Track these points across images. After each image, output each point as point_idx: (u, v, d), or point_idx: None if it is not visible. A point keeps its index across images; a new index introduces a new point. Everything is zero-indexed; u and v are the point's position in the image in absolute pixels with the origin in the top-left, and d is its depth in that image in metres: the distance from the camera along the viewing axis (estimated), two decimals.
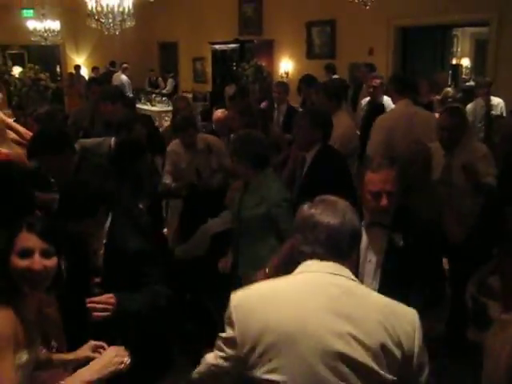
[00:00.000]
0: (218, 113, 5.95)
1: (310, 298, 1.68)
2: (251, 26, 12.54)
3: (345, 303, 1.67)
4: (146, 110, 11.89)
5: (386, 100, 6.32)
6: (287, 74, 11.66)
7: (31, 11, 13.00)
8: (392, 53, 9.45)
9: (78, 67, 14.72)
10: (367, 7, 6.23)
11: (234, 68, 11.80)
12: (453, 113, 4.06)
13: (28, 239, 1.98)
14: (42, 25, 11.89)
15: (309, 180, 3.93)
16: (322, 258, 1.76)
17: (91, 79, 9.10)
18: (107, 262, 2.72)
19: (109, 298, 2.43)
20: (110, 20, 8.52)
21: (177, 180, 4.90)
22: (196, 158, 4.95)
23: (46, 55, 15.05)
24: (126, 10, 8.50)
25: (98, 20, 8.51)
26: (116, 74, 13.69)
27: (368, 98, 6.95)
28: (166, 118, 9.59)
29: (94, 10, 8.40)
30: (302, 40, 11.16)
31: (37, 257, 1.96)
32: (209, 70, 14.05)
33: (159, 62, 16.89)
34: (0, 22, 14.06)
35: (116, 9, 8.46)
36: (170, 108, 11.78)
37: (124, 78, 13.52)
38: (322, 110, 4.41)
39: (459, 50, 14.37)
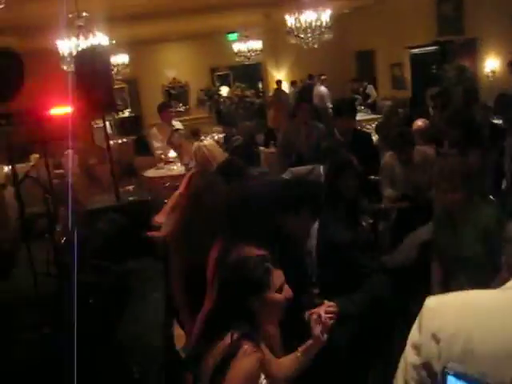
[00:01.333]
0: (419, 122, 5.79)
1: None
2: (451, 26, 11.96)
3: None
4: None
5: None
6: (494, 72, 10.93)
7: (235, 35, 13.93)
8: None
9: (279, 82, 15.34)
10: None
11: (435, 71, 11.36)
12: None
13: (280, 275, 2.15)
14: (245, 46, 12.69)
15: None
16: None
17: (297, 96, 9.41)
18: (322, 260, 2.77)
19: (330, 306, 2.40)
20: (309, 34, 8.79)
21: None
22: (412, 171, 4.80)
23: (249, 74, 15.98)
24: (324, 23, 8.71)
25: (297, 36, 8.84)
26: (315, 87, 14.02)
27: None
28: (368, 127, 9.54)
29: (294, 26, 8.74)
30: (510, 35, 10.37)
31: (287, 286, 2.14)
32: (407, 75, 13.73)
33: (356, 71, 16.92)
34: (208, 47, 15.29)
35: (314, 23, 8.71)
36: (372, 116, 11.75)
37: (323, 89, 13.79)
38: None
39: None
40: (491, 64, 11.03)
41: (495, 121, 6.55)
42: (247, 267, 2.15)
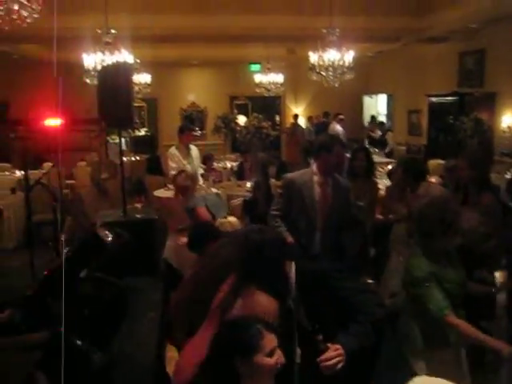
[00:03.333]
0: (433, 181, 5.71)
1: None
2: (472, 78, 12.07)
3: None
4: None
5: None
6: (510, 128, 10.97)
7: (258, 66, 14.11)
8: None
9: (296, 116, 15.48)
10: None
11: (452, 121, 11.42)
12: None
13: (273, 339, 2.11)
14: (266, 78, 12.83)
15: None
16: None
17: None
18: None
19: (336, 349, 2.47)
20: (330, 73, 8.90)
21: None
22: None
23: (267, 106, 16.15)
24: (347, 63, 8.82)
25: (318, 73, 8.95)
26: (331, 125, 14.12)
27: None
28: (380, 169, 9.54)
29: (316, 63, 8.85)
30: None
31: (279, 351, 2.11)
32: (424, 122, 13.80)
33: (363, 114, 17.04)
34: (229, 75, 15.50)
35: (337, 62, 8.82)
36: (385, 160, 11.76)
37: (339, 128, 13.87)
38: None
39: None
40: (508, 119, 11.08)
41: None
42: (238, 328, 2.14)
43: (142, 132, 15.60)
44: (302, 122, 15.72)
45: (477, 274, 3.95)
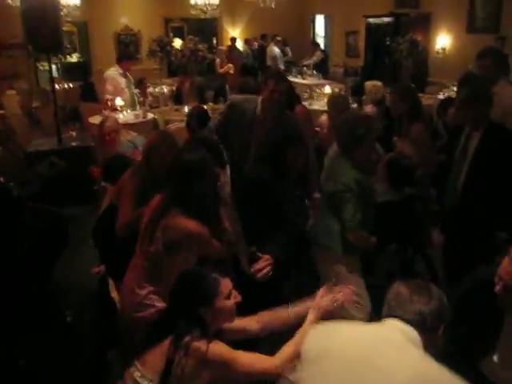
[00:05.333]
0: (368, 109, 5.68)
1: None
2: None
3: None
4: (297, 82, 11.97)
5: None
6: (444, 49, 11.15)
7: None
8: None
9: (233, 40, 15.15)
10: None
11: (388, 42, 11.48)
12: None
13: (228, 282, 2.27)
14: None
15: (480, 157, 3.72)
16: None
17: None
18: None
19: (266, 259, 2.96)
20: None
21: None
22: None
23: (204, 28, 15.70)
24: None
25: None
26: (269, 47, 13.93)
27: None
28: (318, 91, 9.59)
29: None
30: (463, 12, 10.55)
31: (234, 292, 2.29)
32: (361, 44, 13.82)
33: (312, 35, 16.88)
34: None
35: None
36: (321, 81, 11.78)
37: (277, 50, 13.72)
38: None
39: None
40: (442, 40, 11.23)
41: None
42: (197, 280, 2.24)
43: (74, 58, 14.96)
44: (240, 44, 15.42)
45: None
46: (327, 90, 9.31)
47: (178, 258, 2.78)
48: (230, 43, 14.84)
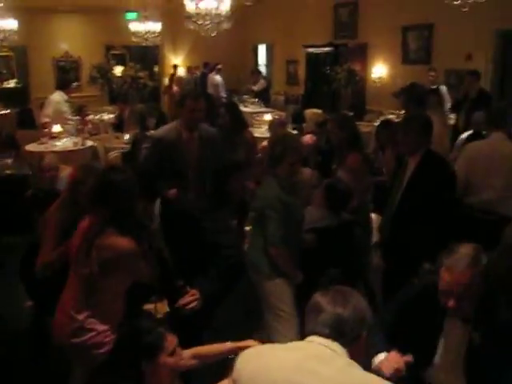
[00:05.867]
0: (307, 138, 5.68)
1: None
2: (346, 30, 12.48)
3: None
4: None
5: None
6: (380, 78, 11.52)
7: (134, 14, 13.57)
8: (492, 59, 9.10)
9: (175, 67, 15.20)
10: (465, 9, 6.01)
11: (327, 72, 11.78)
12: None
13: (173, 339, 2.21)
14: (143, 26, 12.39)
15: (413, 184, 3.85)
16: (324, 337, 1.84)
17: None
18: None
19: (193, 294, 2.95)
20: (207, 22, 8.77)
21: None
22: None
23: (146, 56, 15.68)
24: (224, 12, 8.72)
25: (195, 22, 8.78)
26: (210, 75, 14.02)
27: None
28: (258, 119, 9.70)
29: (193, 12, 8.68)
30: (398, 44, 10.98)
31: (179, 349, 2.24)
32: (302, 72, 14.12)
33: (254, 63, 17.12)
34: (105, 23, 14.80)
35: (213, 11, 8.70)
36: (263, 109, 11.94)
37: (218, 78, 13.83)
38: (426, 114, 4.30)
39: None
40: (379, 70, 11.61)
41: None
42: (142, 332, 2.18)
43: (12, 84, 14.64)
44: (182, 72, 15.47)
45: None
46: (268, 117, 9.45)
47: (113, 280, 2.76)
48: (172, 71, 14.91)
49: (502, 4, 8.16)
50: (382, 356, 2.35)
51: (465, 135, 6.24)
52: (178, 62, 16.00)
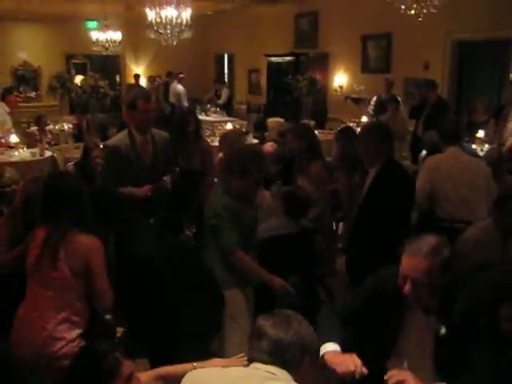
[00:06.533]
0: (268, 146, 5.63)
1: None
2: (306, 40, 12.60)
3: None
4: (201, 120, 12.07)
5: None
6: (341, 87, 11.64)
7: (95, 23, 13.46)
8: (448, 68, 9.30)
9: (137, 76, 15.08)
10: (419, 19, 6.13)
11: (289, 81, 11.87)
12: None
13: (129, 365, 2.14)
14: (104, 35, 12.29)
15: (372, 194, 3.87)
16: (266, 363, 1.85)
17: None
18: None
19: None
20: (168, 31, 8.75)
21: None
22: None
23: (107, 65, 15.52)
24: (184, 21, 8.71)
25: (156, 31, 8.75)
26: (172, 84, 13.97)
27: None
28: (219, 127, 9.68)
29: (154, 21, 8.65)
30: (357, 53, 11.12)
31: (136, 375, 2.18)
32: (263, 81, 14.18)
33: (215, 72, 17.14)
34: (65, 32, 14.64)
35: (174, 20, 8.68)
36: (225, 118, 11.94)
37: (180, 87, 13.78)
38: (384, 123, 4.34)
39: None
40: (340, 79, 11.74)
41: None
42: (97, 356, 2.13)
43: None
44: (144, 81, 15.37)
45: None
46: (229, 126, 9.45)
47: (81, 279, 2.82)
48: (133, 80, 14.80)
49: (458, 14, 8.35)
50: (329, 347, 2.35)
51: (423, 154, 6.37)
52: (139, 72, 15.89)
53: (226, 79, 16.35)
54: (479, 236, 3.52)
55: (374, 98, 9.47)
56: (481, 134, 7.02)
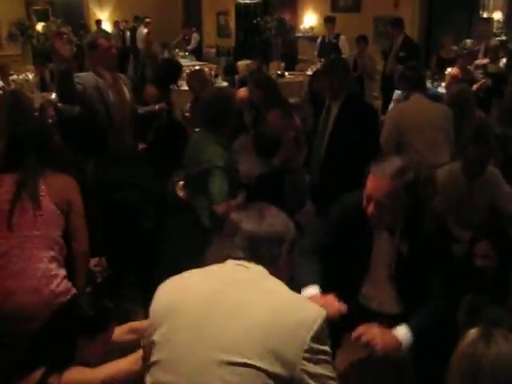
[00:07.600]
0: (241, 92, 5.40)
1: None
2: None
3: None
4: None
5: None
6: (312, 28, 11.45)
7: None
8: (418, 6, 9.20)
9: (99, 22, 14.65)
10: None
11: (258, 22, 11.65)
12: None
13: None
14: None
15: (338, 127, 3.93)
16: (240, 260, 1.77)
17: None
18: None
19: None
20: None
21: None
22: None
23: (70, 10, 15.00)
24: None
25: None
26: (139, 29, 13.61)
27: None
28: (187, 71, 9.50)
29: None
30: None
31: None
32: (232, 24, 13.90)
33: (183, 17, 16.71)
34: None
35: None
36: (194, 63, 11.71)
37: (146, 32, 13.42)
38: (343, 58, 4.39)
39: (491, 2, 13.87)
40: (309, 20, 11.55)
41: None
42: (80, 304, 2.11)
43: None
44: (108, 26, 14.89)
45: None
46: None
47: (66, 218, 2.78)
48: (95, 26, 14.38)
49: None
50: (309, 291, 2.37)
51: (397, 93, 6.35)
52: (104, 17, 15.41)
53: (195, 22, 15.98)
54: (446, 179, 3.57)
55: (319, 40, 9.41)
56: (449, 70, 7.00)
